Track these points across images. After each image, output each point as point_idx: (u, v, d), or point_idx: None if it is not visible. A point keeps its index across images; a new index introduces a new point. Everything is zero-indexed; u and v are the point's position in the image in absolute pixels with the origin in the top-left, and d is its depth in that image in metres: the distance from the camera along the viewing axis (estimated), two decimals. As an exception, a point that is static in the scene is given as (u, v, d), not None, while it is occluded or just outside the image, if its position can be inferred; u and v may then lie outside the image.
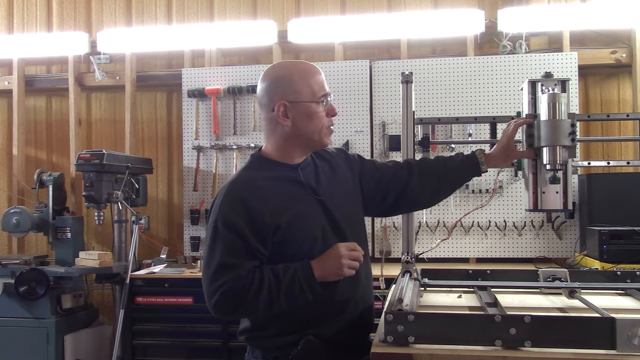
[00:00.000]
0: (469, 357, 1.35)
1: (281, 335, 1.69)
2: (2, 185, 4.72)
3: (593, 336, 1.35)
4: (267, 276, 1.61)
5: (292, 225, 1.66)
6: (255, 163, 1.79)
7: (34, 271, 3.65)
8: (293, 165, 1.76)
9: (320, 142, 1.77)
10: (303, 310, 1.66)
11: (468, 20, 3.91)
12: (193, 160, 4.20)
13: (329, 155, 1.89)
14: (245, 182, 1.72)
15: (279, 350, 1.68)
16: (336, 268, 1.66)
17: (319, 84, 1.74)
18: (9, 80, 4.60)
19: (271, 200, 1.67)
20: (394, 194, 1.90)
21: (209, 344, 3.49)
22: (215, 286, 1.60)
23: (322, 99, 1.74)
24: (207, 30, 4.28)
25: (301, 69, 1.76)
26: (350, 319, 1.74)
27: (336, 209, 1.75)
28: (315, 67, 1.78)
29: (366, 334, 1.82)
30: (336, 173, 1.85)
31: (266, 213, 1.64)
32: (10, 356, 3.67)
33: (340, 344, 1.71)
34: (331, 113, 1.76)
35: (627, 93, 3.98)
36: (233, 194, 1.68)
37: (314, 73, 1.76)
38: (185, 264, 3.96)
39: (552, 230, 3.75)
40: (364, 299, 1.81)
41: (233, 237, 1.62)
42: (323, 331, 1.68)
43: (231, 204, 1.66)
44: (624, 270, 2.16)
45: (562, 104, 1.90)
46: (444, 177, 1.92)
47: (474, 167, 1.92)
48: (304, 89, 1.72)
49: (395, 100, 3.92)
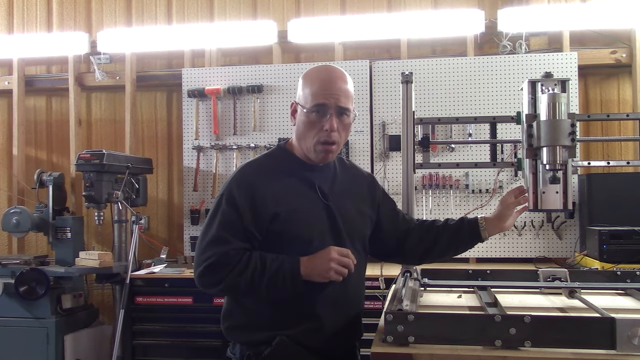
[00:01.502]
0: (469, 357, 1.35)
1: (256, 330, 1.69)
2: (2, 185, 4.72)
3: (593, 336, 1.34)
4: (254, 260, 1.62)
5: (290, 218, 1.66)
6: (277, 153, 1.81)
7: (34, 271, 3.65)
8: (312, 167, 1.75)
9: (313, 157, 1.72)
10: (279, 309, 1.66)
11: (468, 20, 3.91)
12: (193, 160, 4.20)
13: (356, 172, 1.91)
14: (258, 166, 1.75)
15: (254, 348, 1.68)
16: (324, 270, 1.63)
17: (319, 92, 1.68)
18: (9, 80, 4.60)
19: (276, 187, 1.68)
20: (396, 242, 1.92)
21: (209, 344, 3.49)
22: (203, 257, 1.63)
23: (314, 108, 1.67)
24: (207, 30, 4.28)
25: (314, 75, 1.73)
26: (331, 327, 1.71)
27: (342, 218, 1.74)
28: (330, 75, 1.71)
29: (351, 343, 1.81)
30: (354, 188, 1.85)
31: (268, 198, 1.66)
32: (10, 356, 3.67)
33: (321, 351, 1.70)
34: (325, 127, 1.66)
35: (627, 93, 3.98)
36: (243, 176, 1.71)
37: (321, 80, 1.70)
38: (185, 264, 3.96)
39: (552, 230, 3.75)
40: (348, 309, 1.77)
41: (233, 214, 1.65)
42: (297, 334, 1.67)
43: (238, 184, 1.68)
44: (624, 270, 2.16)
45: (562, 104, 1.90)
46: (442, 235, 1.92)
47: (474, 229, 1.90)
48: (305, 95, 1.71)
49: (395, 100, 3.92)
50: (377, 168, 3.95)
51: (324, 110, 1.68)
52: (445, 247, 1.93)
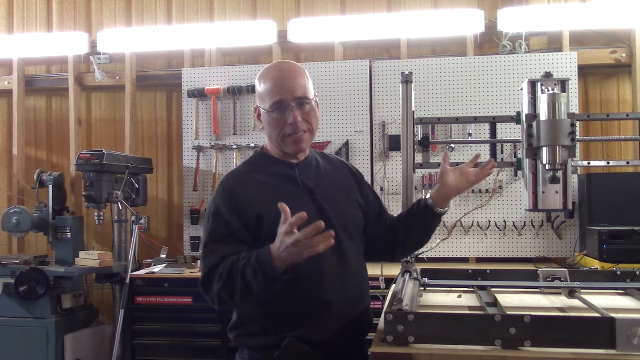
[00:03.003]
0: (469, 357, 1.35)
1: (264, 334, 1.68)
2: (2, 185, 4.72)
3: (593, 336, 1.34)
4: (229, 262, 1.61)
5: (274, 217, 1.54)
6: (255, 158, 1.84)
7: (34, 271, 3.65)
8: (291, 164, 1.77)
9: (285, 150, 1.75)
10: (284, 310, 1.65)
11: (468, 20, 3.91)
12: (193, 160, 4.20)
13: (341, 164, 1.92)
14: (237, 173, 1.79)
15: (263, 351, 1.67)
16: (285, 250, 1.49)
17: (270, 91, 1.70)
18: (9, 80, 4.60)
19: (259, 190, 1.70)
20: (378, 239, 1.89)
21: (209, 344, 3.49)
22: (203, 270, 1.69)
23: (273, 107, 1.70)
24: (207, 30, 4.28)
25: (265, 75, 1.75)
26: (338, 322, 1.69)
27: (332, 209, 1.74)
28: (276, 72, 1.73)
29: (359, 338, 1.78)
30: (341, 178, 1.86)
31: (250, 201, 1.67)
32: (10, 356, 3.67)
33: (330, 348, 1.68)
34: (289, 121, 1.68)
35: (627, 93, 3.98)
36: (225, 186, 1.74)
37: (271, 79, 1.72)
38: (185, 264, 3.95)
39: (552, 230, 3.75)
40: (354, 301, 1.76)
41: (219, 224, 1.67)
42: (307, 333, 1.66)
43: (222, 194, 1.72)
44: (624, 270, 2.16)
45: (562, 104, 1.90)
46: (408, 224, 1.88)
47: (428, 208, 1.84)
48: (263, 96, 1.74)
49: (395, 100, 3.92)
50: (377, 168, 3.95)
51: (284, 106, 1.69)
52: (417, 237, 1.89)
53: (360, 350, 1.78)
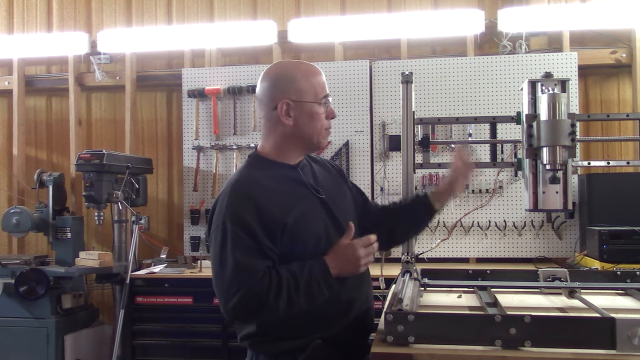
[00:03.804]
0: (469, 357, 1.35)
1: (287, 339, 1.66)
2: (2, 185, 4.72)
3: (593, 336, 1.34)
4: (284, 277, 1.56)
5: (298, 224, 1.64)
6: (255, 162, 1.77)
7: (34, 271, 3.65)
8: (292, 166, 1.76)
9: (318, 144, 1.78)
10: (309, 313, 1.62)
11: (468, 20, 3.91)
12: (193, 160, 4.20)
13: (324, 162, 1.95)
14: (249, 181, 1.67)
15: (286, 355, 1.66)
16: (355, 265, 1.63)
17: (321, 85, 1.75)
18: (9, 80, 4.60)
19: (277, 198, 1.65)
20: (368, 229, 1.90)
21: (209, 344, 3.49)
22: (232, 290, 1.54)
23: (324, 100, 1.75)
24: (207, 30, 4.28)
25: (304, 69, 1.76)
26: (354, 319, 1.73)
27: (336, 207, 1.76)
28: (317, 68, 1.79)
29: (367, 334, 1.81)
30: (331, 176, 1.89)
31: (275, 211, 1.61)
32: (10, 356, 3.67)
33: (343, 345, 1.70)
34: (330, 115, 1.78)
35: (627, 93, 3.98)
36: (240, 193, 1.63)
37: (316, 74, 1.76)
38: (185, 264, 3.95)
39: (552, 230, 3.75)
40: (367, 298, 1.82)
41: (245, 236, 1.56)
42: (329, 332, 1.67)
43: (239, 203, 1.60)
44: (624, 270, 2.16)
45: (562, 104, 1.90)
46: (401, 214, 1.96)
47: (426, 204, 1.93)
48: (308, 89, 1.72)
49: (395, 100, 3.92)
50: (377, 168, 3.95)
51: (327, 99, 1.77)
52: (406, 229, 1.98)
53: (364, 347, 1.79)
